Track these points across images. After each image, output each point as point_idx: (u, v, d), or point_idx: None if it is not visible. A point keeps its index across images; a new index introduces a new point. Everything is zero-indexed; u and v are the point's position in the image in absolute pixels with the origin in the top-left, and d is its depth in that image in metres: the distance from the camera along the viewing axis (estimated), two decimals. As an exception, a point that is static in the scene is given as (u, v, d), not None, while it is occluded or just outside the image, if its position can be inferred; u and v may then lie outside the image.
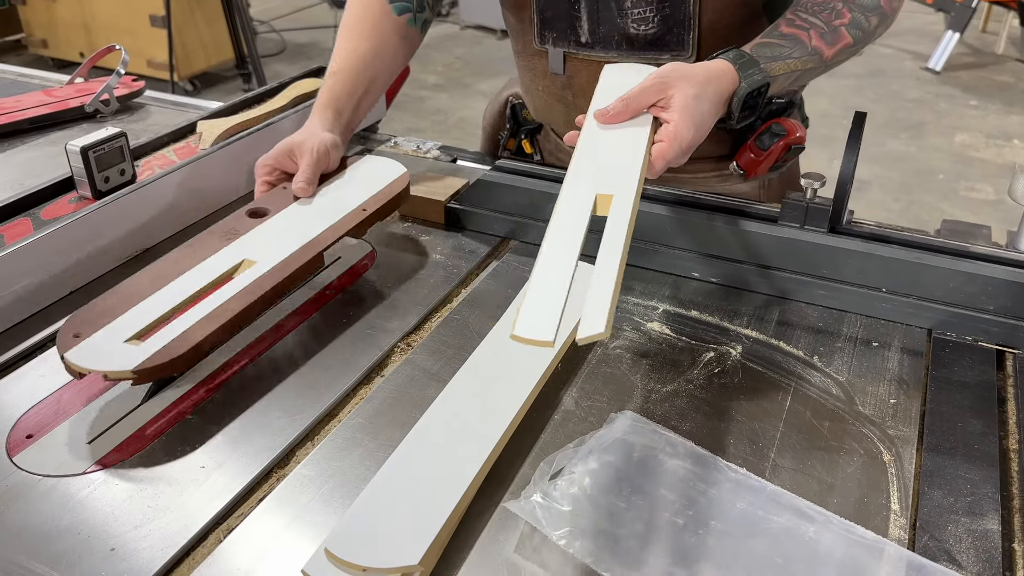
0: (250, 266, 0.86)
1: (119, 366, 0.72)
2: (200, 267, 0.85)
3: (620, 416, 0.75)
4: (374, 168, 1.05)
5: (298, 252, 0.88)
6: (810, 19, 0.94)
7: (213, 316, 0.79)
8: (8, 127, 1.32)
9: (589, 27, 1.07)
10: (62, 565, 0.63)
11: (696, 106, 0.85)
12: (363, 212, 0.96)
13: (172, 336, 0.76)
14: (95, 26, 4.50)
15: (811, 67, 0.95)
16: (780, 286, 0.96)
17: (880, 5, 0.96)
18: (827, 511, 0.66)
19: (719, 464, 0.70)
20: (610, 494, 0.66)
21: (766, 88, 0.92)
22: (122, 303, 0.80)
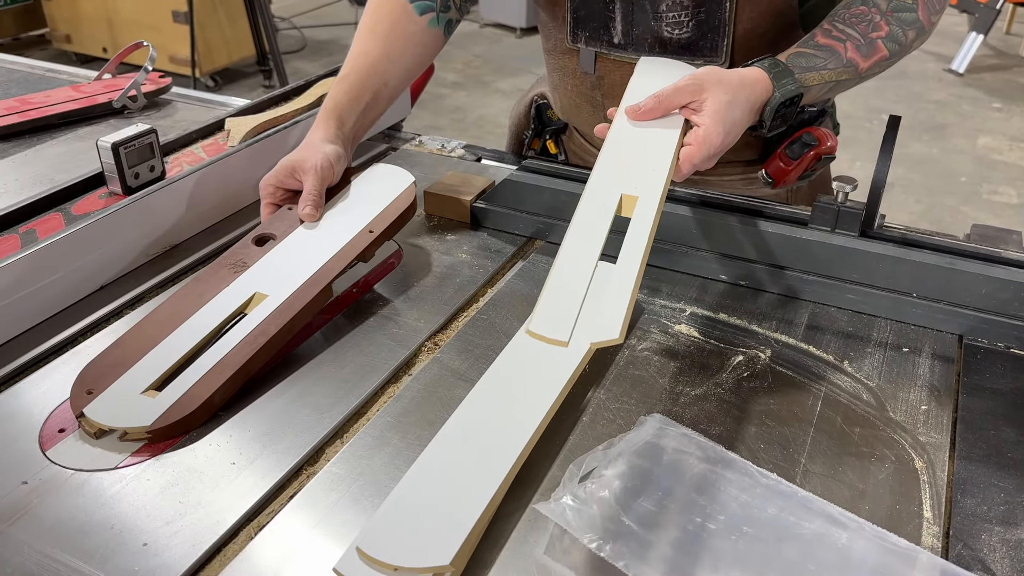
0: (262, 300, 0.85)
1: (135, 422, 0.72)
2: (211, 304, 0.84)
3: (649, 419, 0.75)
4: (380, 180, 1.02)
5: (307, 284, 0.86)
6: (847, 30, 0.94)
7: (224, 365, 0.78)
8: (37, 122, 1.33)
9: (623, 28, 1.07)
10: (95, 559, 0.63)
11: (728, 112, 0.85)
12: (370, 234, 0.93)
13: (186, 387, 0.75)
14: (118, 21, 4.53)
15: (845, 79, 0.95)
16: (809, 289, 0.95)
17: (919, 19, 0.96)
18: (859, 518, 0.66)
19: (750, 469, 0.70)
20: (640, 497, 0.66)
21: (799, 98, 0.92)
22: (133, 352, 0.79)
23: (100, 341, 0.88)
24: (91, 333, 0.89)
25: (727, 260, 0.98)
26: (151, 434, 0.72)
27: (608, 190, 0.80)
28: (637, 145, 0.85)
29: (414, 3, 1.07)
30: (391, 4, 1.08)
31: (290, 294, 0.85)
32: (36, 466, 0.72)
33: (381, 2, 1.08)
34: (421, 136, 1.37)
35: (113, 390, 0.75)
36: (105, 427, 0.72)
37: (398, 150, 1.33)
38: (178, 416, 0.73)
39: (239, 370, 0.78)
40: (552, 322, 0.65)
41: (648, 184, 0.81)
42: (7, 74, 1.60)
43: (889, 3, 0.95)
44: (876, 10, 0.95)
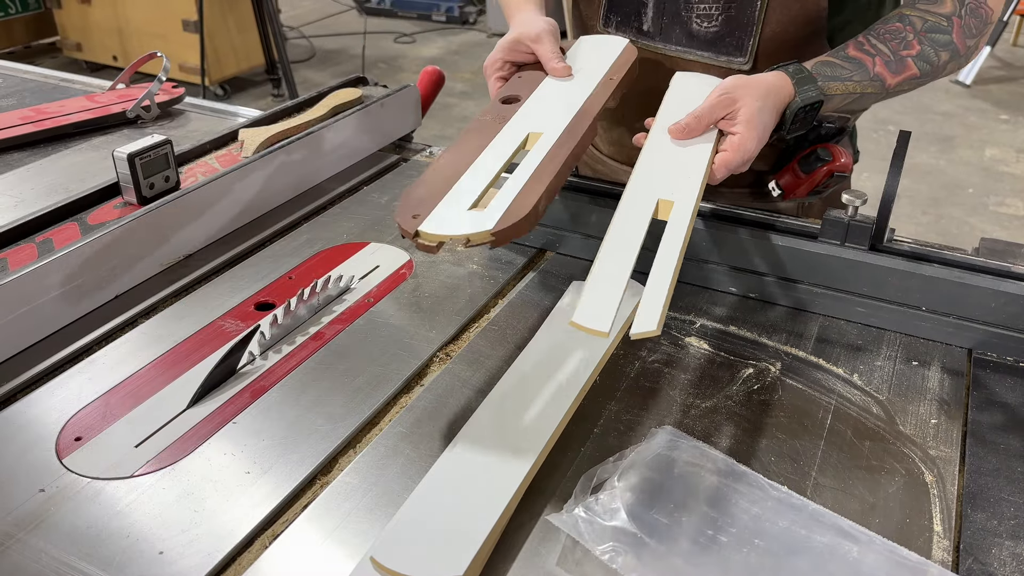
0: (538, 137, 0.87)
1: (476, 228, 0.73)
2: (491, 147, 0.86)
3: (660, 431, 0.75)
4: (597, 45, 1.07)
5: (576, 119, 0.90)
6: (878, 45, 0.96)
7: (538, 177, 0.80)
8: (52, 132, 1.34)
9: (653, 16, 1.09)
10: (112, 567, 0.64)
11: (759, 118, 0.90)
12: (612, 81, 0.98)
13: (510, 200, 0.76)
14: (128, 30, 4.56)
15: (871, 92, 0.96)
16: (819, 302, 0.95)
17: (953, 42, 0.97)
18: (870, 531, 0.66)
19: (761, 482, 0.70)
20: (652, 510, 0.67)
21: (819, 105, 0.94)
22: (439, 186, 0.80)
23: (116, 350, 0.89)
24: (106, 342, 0.90)
25: (737, 273, 0.99)
26: (495, 235, 0.73)
27: (646, 194, 0.83)
28: (672, 153, 0.89)
29: None
30: None
31: (563, 130, 0.88)
32: (53, 474, 0.73)
33: None
34: (432, 147, 1.38)
35: (440, 211, 0.76)
36: (446, 238, 0.73)
37: (409, 161, 1.34)
38: (515, 219, 0.74)
39: (554, 180, 0.80)
40: (595, 314, 0.68)
41: (683, 189, 0.84)
42: (21, 83, 1.61)
43: (924, 23, 0.96)
44: (911, 28, 0.96)
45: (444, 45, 5.55)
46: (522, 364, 0.83)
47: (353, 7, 6.11)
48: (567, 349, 0.85)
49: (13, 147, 1.31)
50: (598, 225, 1.04)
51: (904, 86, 0.97)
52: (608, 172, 1.28)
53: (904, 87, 0.98)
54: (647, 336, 0.66)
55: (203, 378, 0.81)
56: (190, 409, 0.80)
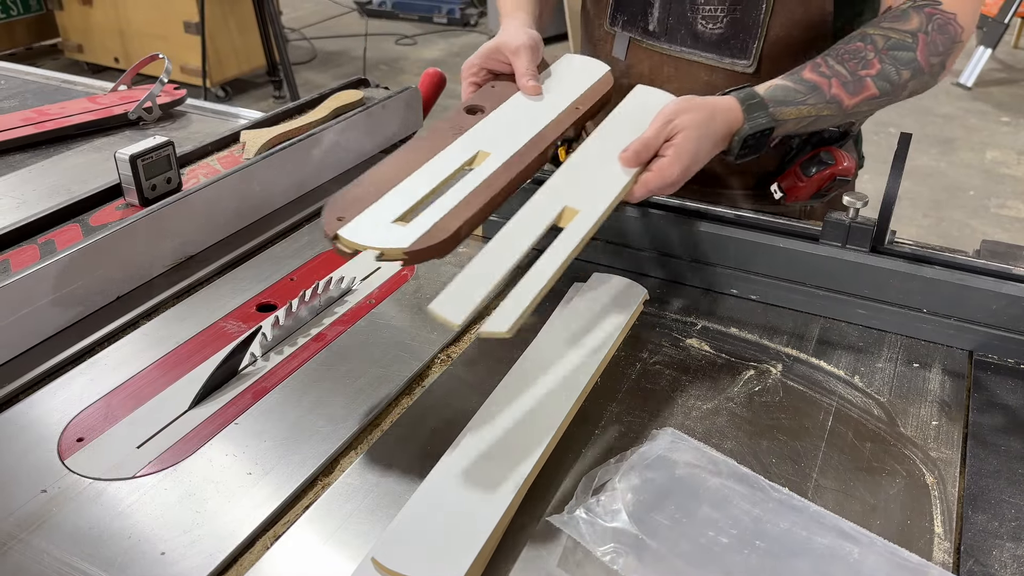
0: (486, 156, 0.88)
1: (392, 244, 0.74)
2: (438, 158, 0.87)
3: (661, 433, 0.75)
4: (576, 66, 1.07)
5: (528, 146, 0.90)
6: (836, 67, 0.94)
7: (468, 203, 0.81)
8: (54, 133, 1.35)
9: (659, 15, 1.09)
10: (114, 568, 0.64)
11: (694, 147, 0.88)
12: (576, 111, 0.98)
13: (433, 221, 0.78)
14: (130, 32, 4.57)
15: (827, 114, 0.94)
16: (820, 305, 0.96)
17: (916, 59, 0.94)
18: (871, 533, 0.66)
19: (762, 483, 0.70)
20: (653, 511, 0.67)
21: (769, 131, 0.93)
22: (375, 190, 0.81)
23: (117, 351, 0.89)
24: (108, 343, 0.90)
25: (739, 274, 0.99)
26: (408, 255, 0.74)
27: (554, 199, 0.82)
28: (599, 164, 0.88)
29: None
30: None
31: (512, 154, 0.89)
32: (55, 475, 0.73)
33: None
34: (433, 149, 1.38)
35: (364, 218, 0.77)
36: (362, 247, 0.74)
37: (410, 163, 1.34)
38: (432, 241, 0.75)
39: (481, 208, 0.81)
40: (451, 305, 0.68)
41: (592, 201, 0.83)
42: (23, 85, 1.61)
43: (887, 40, 0.94)
44: (872, 47, 0.94)
45: (445, 47, 5.55)
46: (523, 366, 0.83)
47: (354, 9, 6.12)
48: (568, 350, 0.85)
49: (15, 148, 1.31)
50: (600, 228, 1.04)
51: (863, 106, 0.95)
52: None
53: (863, 107, 0.95)
54: (495, 336, 0.66)
55: (205, 379, 0.81)
56: (192, 410, 0.80)
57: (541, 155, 0.91)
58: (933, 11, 0.95)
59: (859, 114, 0.97)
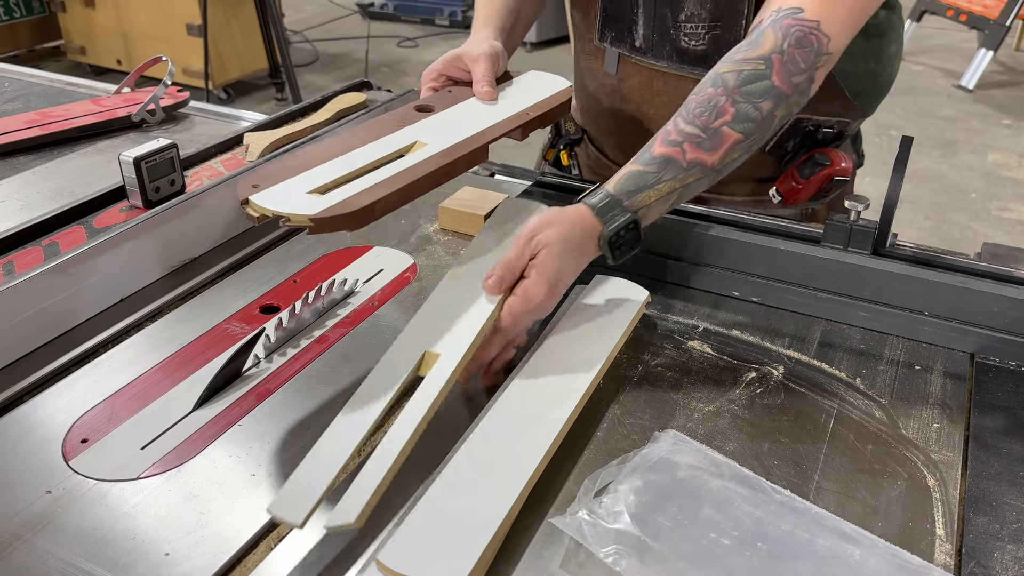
0: (422, 147, 0.89)
1: (299, 210, 0.74)
2: (372, 144, 0.88)
3: (663, 435, 0.76)
4: (537, 80, 1.09)
5: (466, 141, 0.91)
6: (686, 129, 0.86)
7: (388, 182, 0.81)
8: (58, 135, 1.35)
9: (644, 32, 1.09)
10: (119, 568, 0.65)
11: (555, 262, 0.82)
12: (527, 115, 0.99)
13: (348, 195, 0.78)
14: (132, 34, 4.58)
15: (694, 180, 0.87)
16: (822, 307, 0.96)
17: (774, 86, 0.85)
18: (872, 535, 0.67)
19: (763, 485, 0.70)
20: (656, 513, 0.67)
21: (635, 224, 0.86)
22: (300, 165, 0.81)
23: (121, 353, 0.89)
24: (112, 345, 0.91)
25: (740, 277, 0.99)
26: (314, 222, 0.74)
27: (412, 345, 0.75)
28: (460, 298, 0.82)
29: None
30: None
31: (448, 146, 0.89)
32: (59, 476, 0.73)
33: None
34: (435, 151, 1.38)
35: (279, 187, 0.77)
36: (269, 213, 0.74)
37: (413, 165, 1.34)
38: (341, 212, 0.74)
39: (400, 189, 0.81)
40: (290, 503, 0.61)
41: (454, 339, 0.76)
42: (27, 87, 1.62)
43: (739, 76, 0.86)
44: (722, 90, 0.86)
45: (447, 49, 5.54)
46: (526, 368, 0.83)
47: (356, 11, 6.13)
48: (570, 353, 0.85)
49: (19, 150, 1.32)
50: (601, 229, 1.04)
51: (733, 154, 0.86)
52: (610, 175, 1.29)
53: (734, 155, 0.86)
54: (344, 528, 0.60)
55: (208, 381, 0.82)
56: (196, 412, 0.80)
57: (478, 151, 0.91)
58: (791, 22, 0.86)
59: (733, 164, 0.88)
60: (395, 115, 0.95)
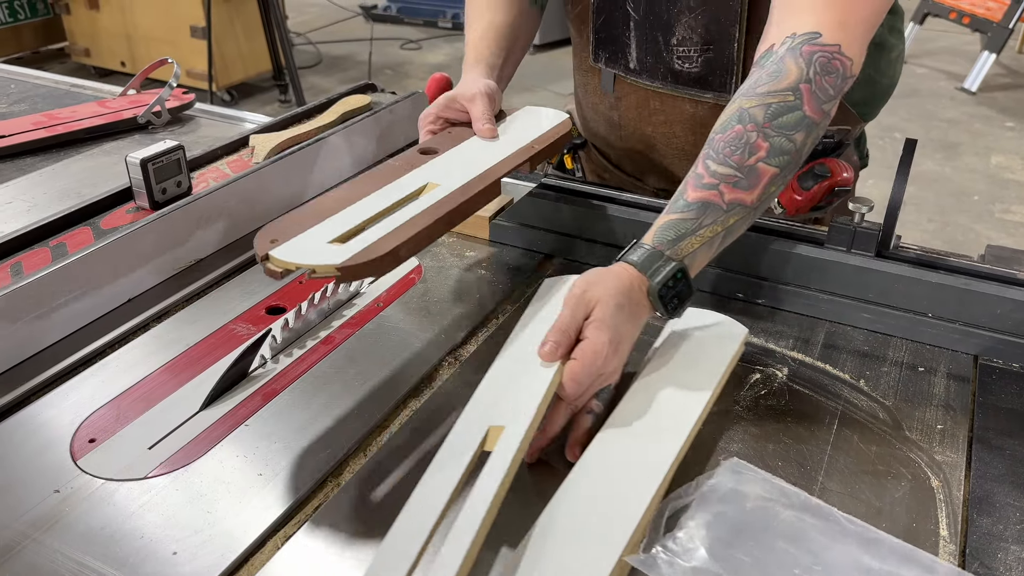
0: (433, 188, 0.88)
1: (324, 261, 0.72)
2: (385, 189, 0.88)
3: (727, 463, 0.73)
4: (534, 115, 1.09)
5: (477, 178, 0.91)
6: (718, 171, 0.81)
7: (409, 225, 0.80)
8: (64, 137, 1.36)
9: (637, 55, 1.09)
10: (127, 567, 0.65)
11: (614, 319, 0.76)
12: (532, 148, 0.99)
13: (371, 241, 0.77)
14: (137, 36, 4.59)
15: (736, 220, 0.82)
16: (826, 309, 0.96)
17: (805, 116, 0.82)
18: (952, 564, 0.65)
19: (836, 516, 0.68)
20: (731, 548, 0.64)
21: (682, 274, 0.81)
22: (315, 215, 0.80)
23: (128, 353, 0.90)
24: (119, 345, 0.91)
25: (744, 278, 0.99)
26: (341, 271, 0.72)
27: (476, 422, 0.72)
28: (517, 372, 0.77)
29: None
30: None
31: (460, 185, 0.89)
32: (67, 475, 0.74)
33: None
34: (440, 153, 1.39)
35: (299, 240, 0.76)
36: (292, 266, 0.72)
37: (417, 167, 1.35)
38: (367, 259, 0.73)
39: (423, 230, 0.80)
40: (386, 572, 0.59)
41: (517, 412, 0.72)
42: (33, 89, 1.63)
43: (767, 111, 0.82)
44: (752, 126, 0.81)
45: (451, 52, 5.57)
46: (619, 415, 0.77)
47: (359, 14, 6.14)
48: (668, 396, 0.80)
49: (26, 152, 1.33)
50: (604, 231, 1.05)
51: (770, 189, 0.83)
52: (615, 180, 1.29)
53: (771, 189, 0.83)
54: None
55: (215, 381, 0.82)
56: (203, 412, 0.81)
57: (491, 187, 0.90)
58: (812, 48, 0.83)
59: (770, 199, 0.84)
60: (401, 159, 0.95)
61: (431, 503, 0.63)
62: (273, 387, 0.84)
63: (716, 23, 1.02)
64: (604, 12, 1.10)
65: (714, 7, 1.01)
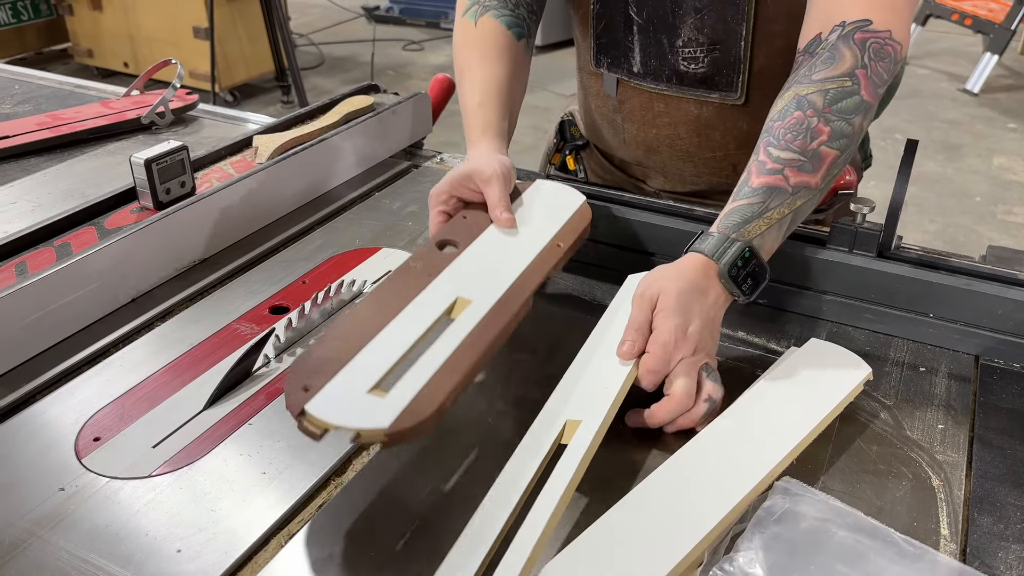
0: (466, 305, 0.80)
1: (369, 424, 0.65)
2: (412, 306, 0.79)
3: (780, 483, 0.72)
4: (551, 196, 1.00)
5: (511, 291, 0.82)
6: (782, 156, 0.84)
7: (452, 367, 0.72)
8: (68, 137, 1.36)
9: (641, 59, 1.09)
10: (132, 565, 0.65)
11: (678, 304, 0.80)
12: (558, 248, 0.91)
13: (415, 390, 0.69)
14: (140, 37, 4.61)
15: (803, 203, 0.86)
16: (827, 309, 0.96)
17: (863, 100, 0.86)
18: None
19: (893, 536, 0.67)
20: (789, 571, 0.64)
21: (750, 253, 0.83)
22: (344, 348, 0.72)
23: (132, 353, 0.90)
24: (123, 344, 0.91)
25: (745, 279, 0.99)
26: (389, 437, 0.65)
27: (554, 416, 0.74)
28: (595, 368, 0.80)
29: (511, 30, 1.10)
30: (494, 32, 1.09)
31: (495, 301, 0.81)
32: (72, 473, 0.74)
33: (484, 31, 1.10)
34: (443, 154, 1.39)
35: (333, 387, 0.68)
36: (333, 426, 0.65)
37: (420, 167, 1.36)
38: (415, 421, 0.66)
39: (468, 371, 0.73)
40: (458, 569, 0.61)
41: (593, 406, 0.75)
42: (37, 90, 1.63)
43: (826, 96, 0.85)
44: (812, 111, 0.85)
45: (452, 52, 5.57)
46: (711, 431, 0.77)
47: (362, 15, 6.15)
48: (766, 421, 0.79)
49: (30, 152, 1.33)
50: (607, 232, 1.05)
51: (832, 171, 0.86)
52: (617, 182, 1.30)
53: (833, 172, 0.86)
54: None
55: (219, 380, 0.83)
56: (206, 411, 0.81)
57: (525, 303, 0.82)
58: (865, 36, 0.86)
59: (831, 181, 0.87)
60: (421, 260, 0.86)
61: (507, 496, 0.67)
62: (276, 386, 0.85)
63: (723, 22, 1.02)
64: (605, 18, 1.10)
65: (720, 6, 1.01)
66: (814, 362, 0.85)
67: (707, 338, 0.81)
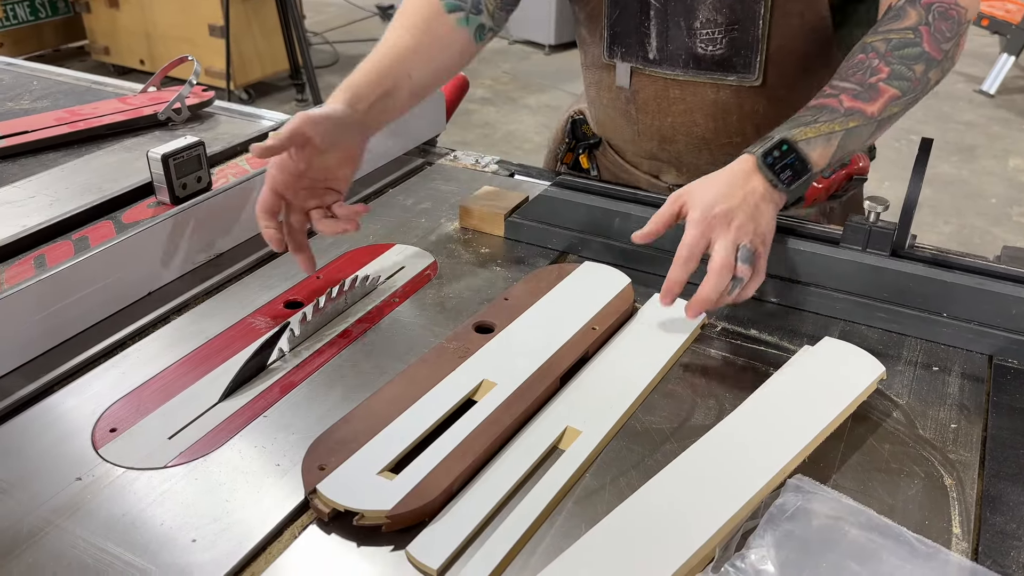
0: (490, 388, 0.82)
1: (373, 505, 0.68)
2: (439, 388, 0.82)
3: (792, 481, 0.72)
4: (596, 277, 1.01)
5: (537, 374, 0.83)
6: (840, 85, 0.92)
7: (461, 453, 0.74)
8: (86, 133, 1.37)
9: (658, 44, 1.09)
10: (147, 553, 0.66)
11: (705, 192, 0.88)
12: (593, 331, 0.90)
13: (423, 473, 0.71)
14: (156, 35, 4.63)
15: (855, 125, 0.90)
16: (840, 308, 0.96)
17: (925, 52, 0.92)
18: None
19: (905, 535, 0.67)
20: (803, 570, 0.64)
21: (788, 146, 0.89)
22: (364, 429, 0.76)
23: (149, 345, 0.91)
24: (139, 338, 0.92)
25: (758, 277, 0.99)
26: (390, 519, 0.68)
27: (556, 418, 0.77)
28: (611, 378, 0.82)
29: (444, 1, 1.06)
30: (423, 2, 1.06)
31: (519, 384, 0.82)
32: (89, 463, 0.75)
33: (414, 1, 1.07)
34: (456, 152, 1.40)
35: (347, 468, 0.72)
36: (341, 507, 0.68)
37: (433, 164, 1.36)
38: (417, 504, 0.69)
39: (480, 455, 0.74)
40: (430, 548, 0.65)
41: (598, 418, 0.77)
42: (55, 86, 1.64)
43: (888, 43, 0.92)
44: (875, 54, 0.92)
45: (465, 51, 5.57)
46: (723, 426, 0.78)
47: (376, 13, 6.16)
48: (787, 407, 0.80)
49: (49, 147, 1.34)
50: (620, 230, 1.05)
51: (893, 108, 0.91)
52: (631, 179, 1.30)
53: (894, 109, 0.92)
54: None
55: (234, 373, 0.83)
56: (221, 403, 0.82)
57: (550, 386, 0.83)
58: (931, 0, 0.93)
59: (893, 119, 0.93)
60: (456, 342, 0.89)
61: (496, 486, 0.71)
62: (291, 379, 0.85)
63: (741, 2, 1.03)
64: (620, 5, 1.11)
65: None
66: (827, 361, 0.85)
67: (746, 221, 0.86)
